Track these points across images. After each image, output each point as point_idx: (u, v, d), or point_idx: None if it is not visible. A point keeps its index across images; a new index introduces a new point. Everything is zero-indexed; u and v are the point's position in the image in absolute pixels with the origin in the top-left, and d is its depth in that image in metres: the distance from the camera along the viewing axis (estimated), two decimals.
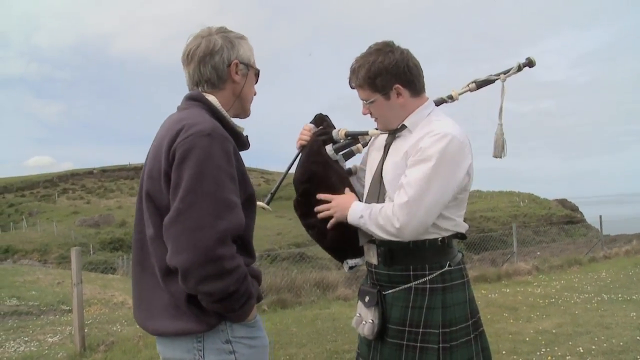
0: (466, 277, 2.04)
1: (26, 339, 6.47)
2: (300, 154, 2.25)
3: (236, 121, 1.82)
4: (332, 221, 2.09)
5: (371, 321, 1.99)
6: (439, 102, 2.18)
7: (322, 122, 2.29)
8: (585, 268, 11.43)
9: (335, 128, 2.26)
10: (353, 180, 2.32)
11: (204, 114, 1.66)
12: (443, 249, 1.96)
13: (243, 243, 1.68)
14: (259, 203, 2.08)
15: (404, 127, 2.01)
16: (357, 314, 2.09)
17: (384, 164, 2.04)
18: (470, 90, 2.24)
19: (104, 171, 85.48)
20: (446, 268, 1.95)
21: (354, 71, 2.00)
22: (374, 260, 2.05)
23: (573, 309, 7.02)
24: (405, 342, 1.93)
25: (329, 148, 2.23)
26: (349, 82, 2.05)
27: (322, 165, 2.19)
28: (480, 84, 2.23)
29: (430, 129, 1.90)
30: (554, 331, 5.78)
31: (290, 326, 6.51)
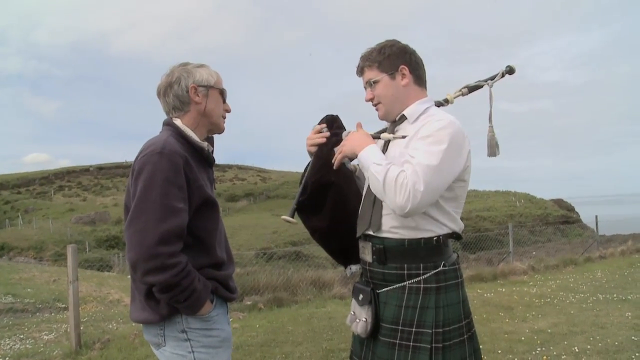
0: (460, 277, 2.04)
1: (21, 336, 6.44)
2: (313, 157, 2.25)
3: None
4: (338, 157, 2.08)
5: (364, 319, 2.00)
6: (436, 105, 2.21)
7: (332, 123, 2.27)
8: (580, 268, 11.47)
9: (345, 129, 2.26)
10: (359, 182, 2.33)
11: (166, 136, 1.96)
12: (438, 249, 1.97)
13: (202, 245, 1.98)
14: (283, 217, 2.25)
15: (403, 117, 2.05)
16: (352, 312, 2.10)
17: (385, 155, 2.05)
18: (463, 94, 2.34)
19: (100, 168, 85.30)
20: (440, 268, 1.96)
21: (363, 56, 2.11)
22: (368, 258, 2.06)
23: (568, 308, 7.04)
24: (398, 341, 1.93)
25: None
26: (357, 68, 2.13)
27: (331, 168, 2.18)
28: (472, 89, 2.34)
29: (432, 118, 1.97)
30: (549, 331, 5.80)
31: (286, 324, 6.52)
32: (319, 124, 2.27)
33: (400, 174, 1.83)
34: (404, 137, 2.03)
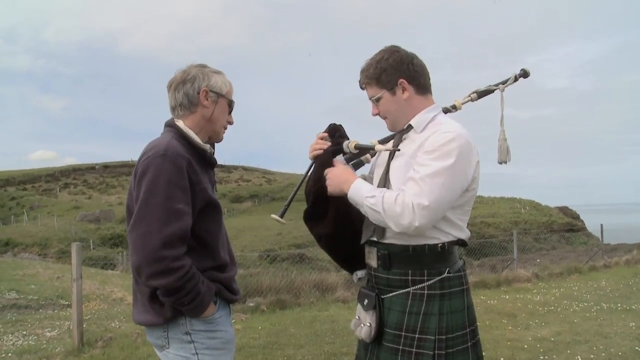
0: (466, 284, 2.03)
1: (24, 332, 6.47)
2: (313, 165, 2.26)
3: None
4: (329, 190, 2.07)
5: (369, 324, 2.00)
6: (444, 112, 2.19)
7: (335, 132, 2.28)
8: (585, 276, 11.41)
9: (348, 138, 2.26)
10: None
11: (169, 138, 1.95)
12: (443, 255, 1.96)
13: (205, 247, 1.98)
14: (272, 216, 2.27)
15: (410, 127, 2.03)
16: (357, 317, 2.09)
17: (391, 164, 2.05)
18: (472, 100, 2.32)
19: (106, 167, 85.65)
20: (445, 275, 1.95)
21: (362, 71, 2.08)
22: (373, 263, 2.06)
23: (572, 317, 7.01)
24: (401, 347, 1.93)
25: (339, 158, 2.24)
26: (359, 83, 2.11)
27: None
28: (481, 94, 2.31)
29: (439, 128, 1.93)
30: (552, 339, 5.77)
31: (288, 327, 6.51)
32: (323, 132, 2.28)
33: (397, 196, 1.83)
34: (397, 149, 2.03)
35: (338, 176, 2.04)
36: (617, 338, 5.76)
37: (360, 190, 1.94)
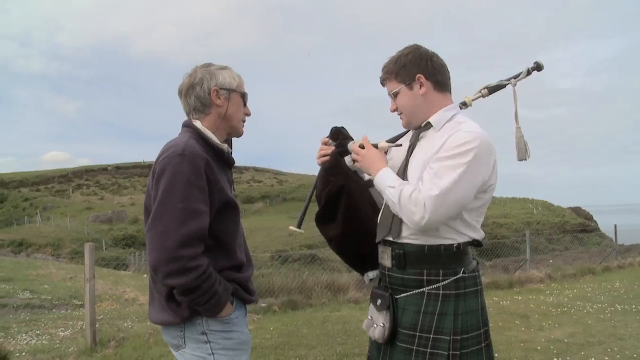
0: (480, 285, 2.02)
1: (38, 332, 6.52)
2: (320, 169, 2.27)
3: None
4: (356, 164, 2.13)
5: (382, 325, 1.98)
6: None
7: (338, 134, 2.28)
8: (598, 277, 11.32)
9: (352, 139, 2.26)
10: (373, 191, 2.32)
11: (186, 138, 1.95)
12: (458, 255, 1.95)
13: (222, 247, 1.98)
14: (290, 227, 2.32)
15: (428, 125, 2.03)
16: (369, 317, 2.08)
17: (409, 162, 2.03)
18: (483, 96, 2.27)
19: (118, 168, 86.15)
20: (460, 275, 1.94)
21: (383, 67, 2.11)
22: (387, 263, 2.05)
23: (586, 318, 6.95)
24: (415, 347, 1.92)
25: (347, 159, 2.24)
26: (380, 79, 2.14)
27: (341, 176, 2.20)
28: (492, 90, 2.26)
29: (458, 128, 1.93)
30: (566, 340, 5.73)
31: (300, 328, 6.51)
32: (327, 137, 2.30)
33: (413, 192, 1.84)
34: (399, 145, 2.08)
35: (369, 158, 2.06)
36: (631, 340, 5.70)
37: (385, 178, 1.97)
